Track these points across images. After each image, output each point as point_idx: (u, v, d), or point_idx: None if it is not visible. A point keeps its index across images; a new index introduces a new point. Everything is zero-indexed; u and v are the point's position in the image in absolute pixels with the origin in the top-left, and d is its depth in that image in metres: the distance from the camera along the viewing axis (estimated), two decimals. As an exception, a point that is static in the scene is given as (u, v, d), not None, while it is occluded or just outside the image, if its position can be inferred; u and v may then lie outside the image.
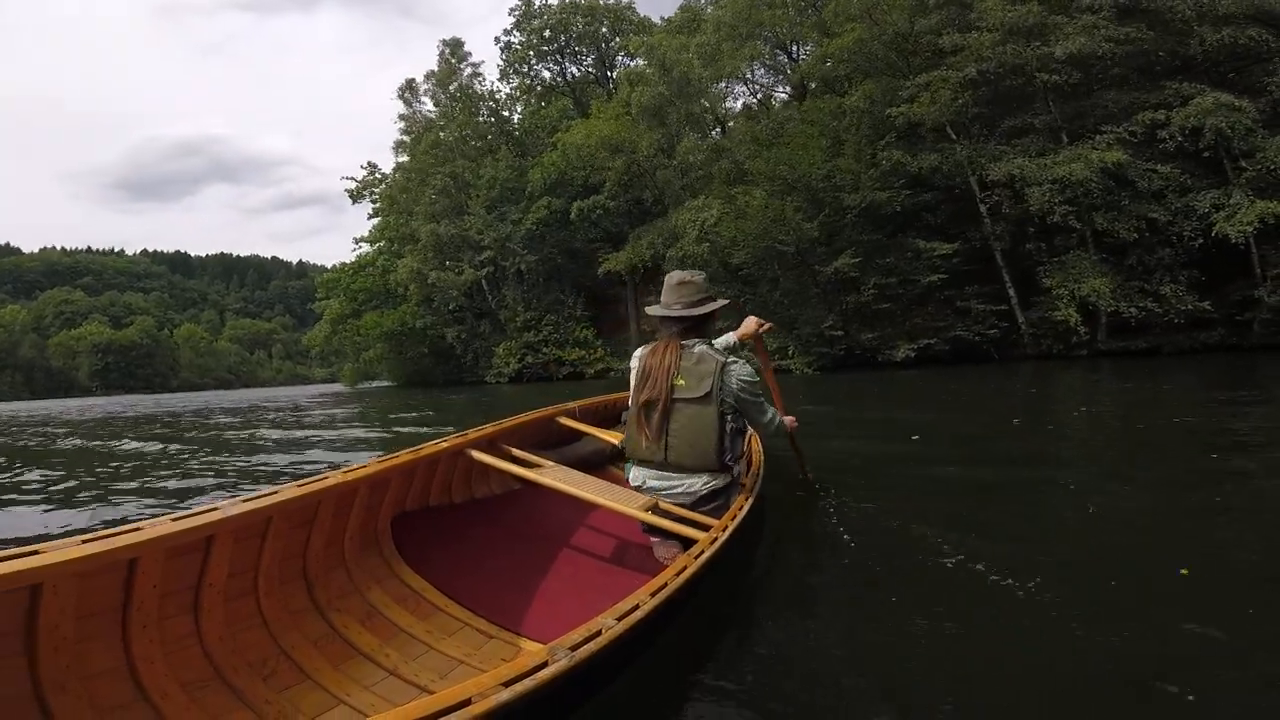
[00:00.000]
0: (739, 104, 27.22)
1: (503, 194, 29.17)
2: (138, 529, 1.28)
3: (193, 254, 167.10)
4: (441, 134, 30.81)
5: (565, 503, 2.47)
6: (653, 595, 1.35)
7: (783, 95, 25.80)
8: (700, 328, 2.35)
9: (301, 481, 1.74)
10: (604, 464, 3.40)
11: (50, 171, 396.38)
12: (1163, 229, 14.15)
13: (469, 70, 31.97)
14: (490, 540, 2.44)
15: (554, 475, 2.41)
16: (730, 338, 2.92)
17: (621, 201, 26.10)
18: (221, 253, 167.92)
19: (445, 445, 2.37)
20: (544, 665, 1.01)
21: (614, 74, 32.76)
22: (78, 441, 9.22)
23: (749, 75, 25.67)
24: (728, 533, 1.83)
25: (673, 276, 2.39)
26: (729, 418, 2.20)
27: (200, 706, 1.31)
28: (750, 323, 2.97)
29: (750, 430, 2.74)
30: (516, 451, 2.69)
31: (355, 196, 35.36)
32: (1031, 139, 16.21)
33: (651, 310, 2.44)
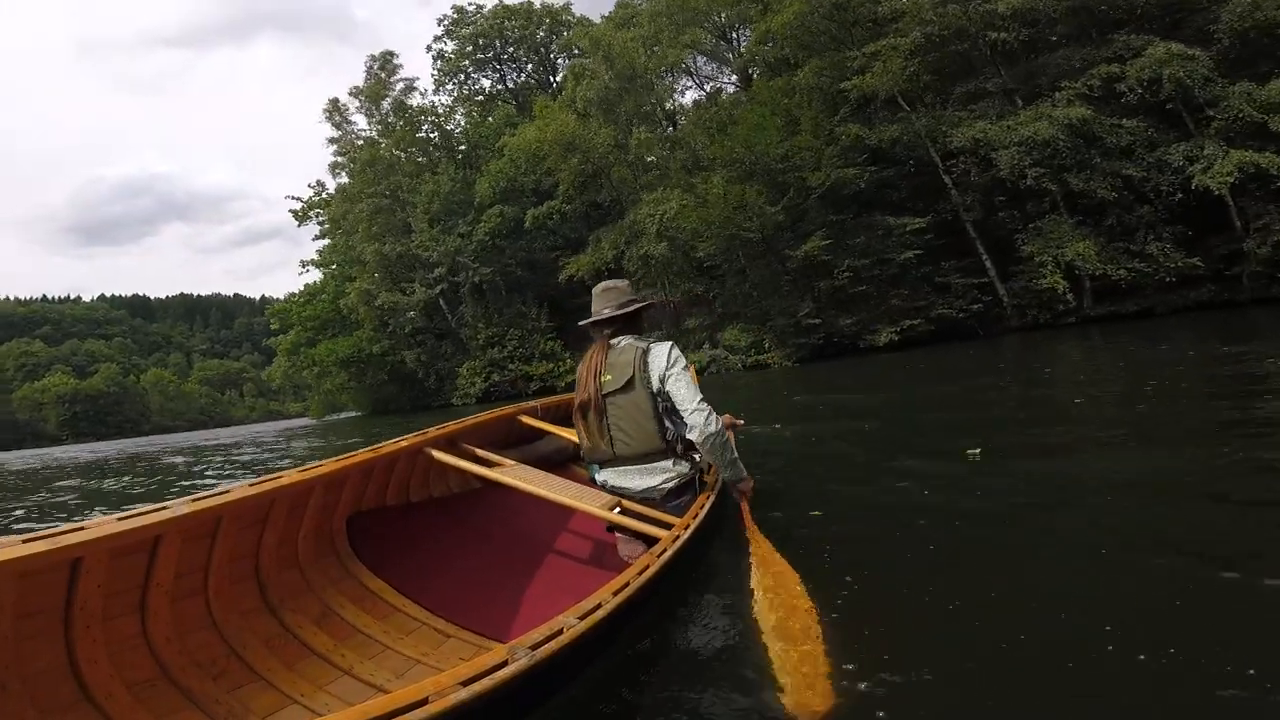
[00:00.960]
0: (688, 97, 26.48)
1: (447, 207, 27.80)
2: (82, 528, 1.26)
3: (153, 296, 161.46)
4: (380, 151, 29.21)
5: (527, 502, 2.42)
6: (615, 594, 1.37)
7: (730, 86, 25.18)
8: (629, 328, 2.40)
9: (254, 481, 1.69)
10: (566, 462, 3.34)
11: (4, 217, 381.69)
12: (1138, 185, 13.73)
13: (401, 84, 30.52)
14: (450, 540, 2.41)
15: (515, 474, 2.37)
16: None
17: (578, 204, 25.10)
18: (182, 293, 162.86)
19: (404, 444, 2.32)
20: (504, 664, 1.00)
21: (557, 78, 31.78)
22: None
23: (693, 67, 25.02)
24: (690, 530, 1.85)
25: (600, 286, 2.46)
26: (659, 398, 2.22)
27: (147, 707, 1.30)
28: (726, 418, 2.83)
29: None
30: (477, 450, 2.62)
31: (301, 218, 33.43)
32: (988, 103, 15.79)
33: (583, 322, 2.47)
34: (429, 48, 32.27)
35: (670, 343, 2.30)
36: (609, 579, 1.50)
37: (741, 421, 2.97)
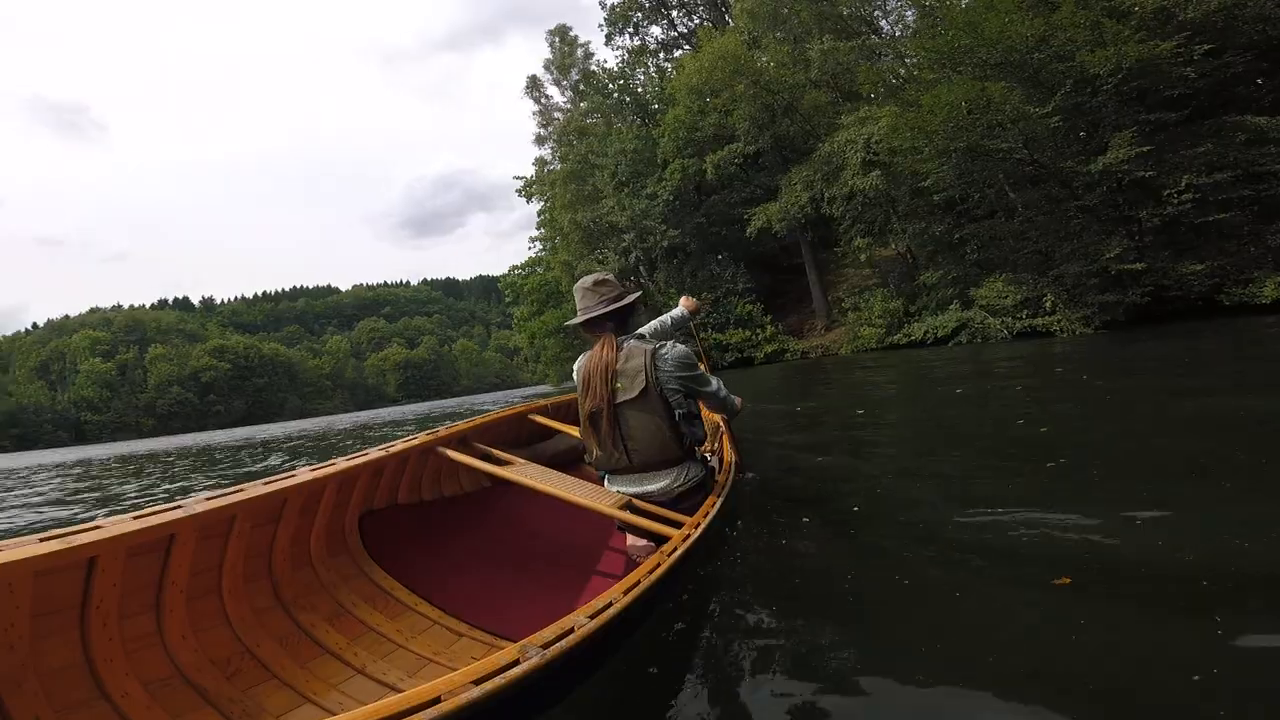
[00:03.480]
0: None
1: (634, 168, 25.50)
2: (98, 527, 1.28)
3: (460, 278, 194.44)
4: (570, 119, 28.87)
5: (538, 500, 2.43)
6: (626, 593, 1.36)
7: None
8: (626, 322, 2.30)
9: (267, 479, 1.72)
10: (577, 461, 3.31)
11: (356, 216, 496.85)
12: None
13: (581, 52, 29.95)
14: (461, 538, 2.42)
15: (525, 472, 2.35)
16: (675, 312, 2.88)
17: (764, 143, 21.02)
18: (481, 275, 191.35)
19: (415, 443, 2.34)
20: (515, 663, 1.01)
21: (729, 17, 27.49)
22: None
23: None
24: (700, 529, 1.83)
25: (585, 281, 2.31)
26: (675, 404, 2.16)
27: (162, 705, 1.31)
28: (687, 299, 2.96)
29: (718, 424, 3.12)
30: (489, 449, 2.63)
31: (527, 194, 33.63)
32: None
33: (571, 322, 2.40)
34: (602, 3, 30.41)
35: (671, 341, 2.26)
36: (620, 577, 1.59)
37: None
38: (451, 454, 2.41)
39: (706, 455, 2.46)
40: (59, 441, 71.02)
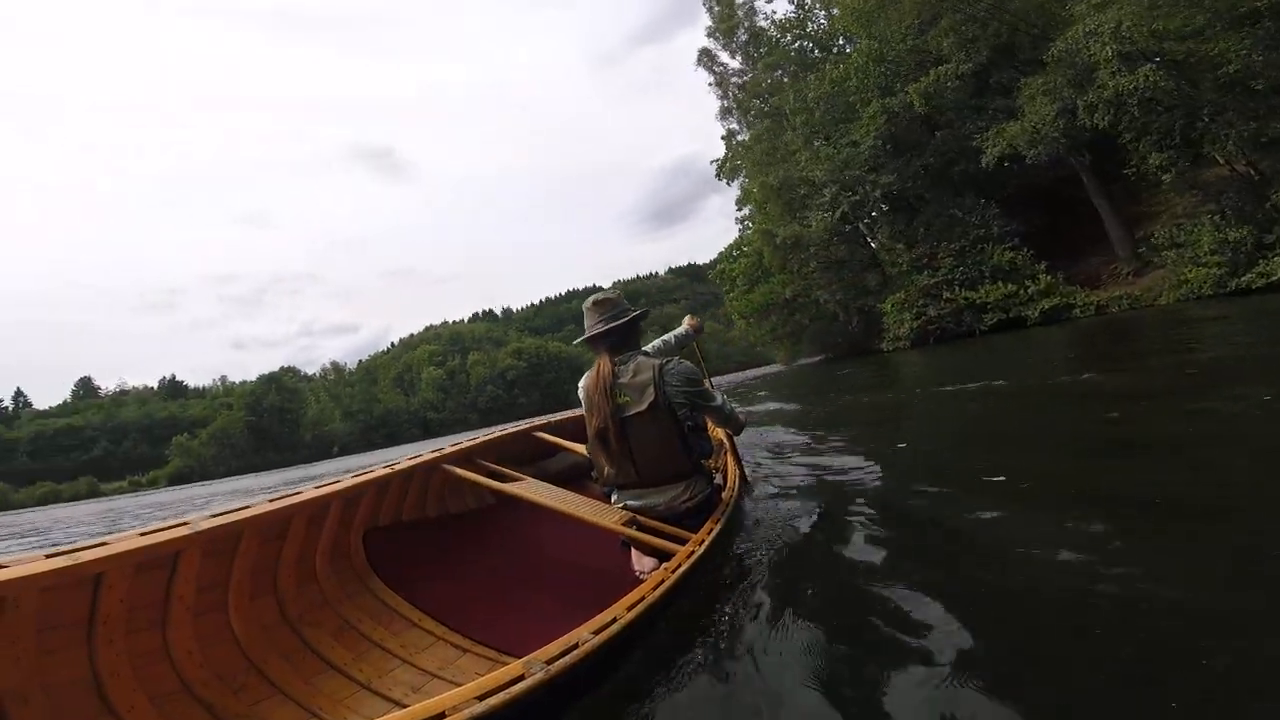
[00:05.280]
0: None
1: (828, 116, 21.93)
2: (104, 544, 1.30)
3: (700, 262, 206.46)
4: (753, 80, 26.79)
5: (542, 517, 2.44)
6: (630, 609, 1.40)
7: None
8: (628, 339, 2.33)
9: (273, 497, 1.76)
10: (581, 478, 3.30)
11: (608, 218, 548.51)
12: None
13: (743, 10, 27.67)
14: (466, 555, 2.42)
15: (529, 489, 2.38)
16: (679, 331, 3.00)
17: (981, 53, 16.48)
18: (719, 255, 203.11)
19: (420, 460, 2.38)
20: (520, 679, 1.03)
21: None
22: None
23: None
24: (704, 546, 1.87)
25: (589, 301, 2.37)
26: (681, 417, 2.19)
27: (168, 719, 1.32)
28: (690, 318, 3.11)
29: (722, 441, 3.13)
30: (492, 466, 2.65)
31: (725, 174, 31.39)
32: None
33: (577, 341, 2.42)
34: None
35: (677, 358, 2.30)
36: (624, 594, 1.53)
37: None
38: (457, 471, 2.45)
39: (714, 471, 2.62)
40: (413, 437, 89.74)
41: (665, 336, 2.94)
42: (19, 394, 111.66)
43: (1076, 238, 18.82)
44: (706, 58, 30.34)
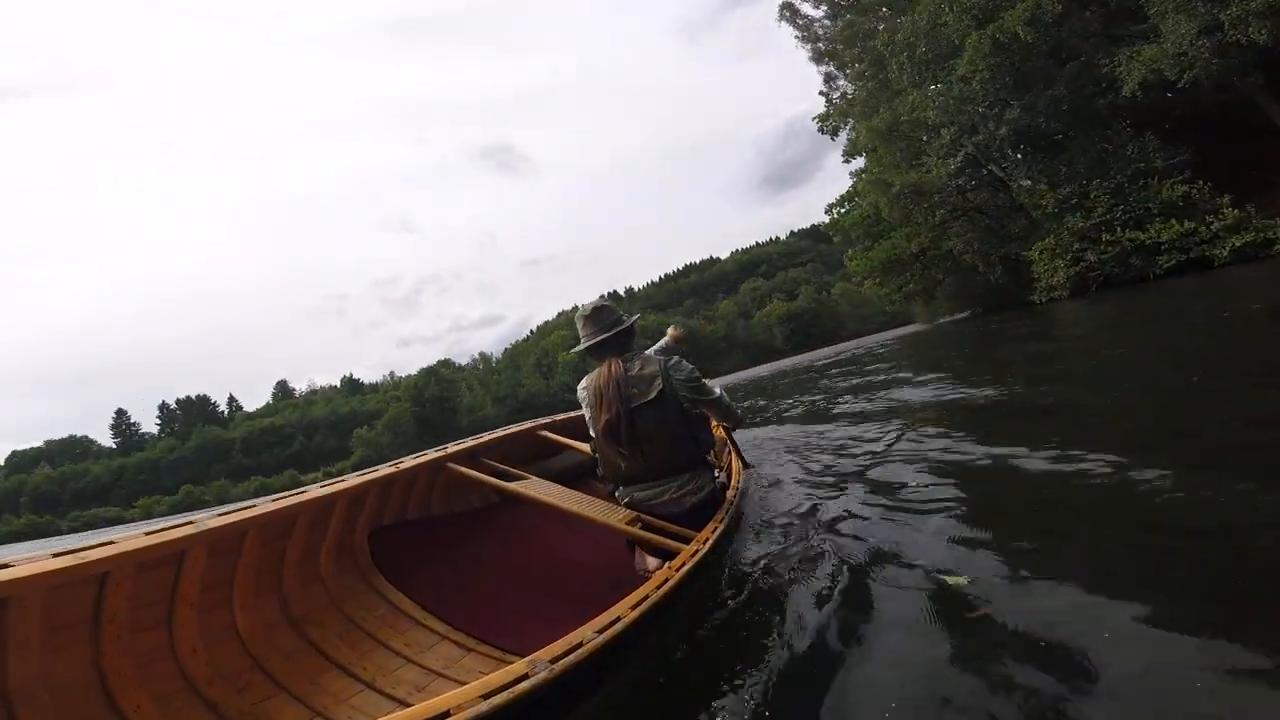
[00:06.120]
0: None
1: (933, 52, 19.40)
2: (110, 543, 1.29)
3: (820, 224, 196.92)
4: (839, 24, 24.80)
5: (546, 516, 2.47)
6: (634, 608, 1.38)
7: None
8: (627, 343, 2.44)
9: (277, 496, 1.75)
10: (585, 477, 3.32)
11: (717, 188, 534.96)
12: None
13: None
14: (470, 554, 2.41)
15: (533, 488, 2.40)
16: (663, 342, 3.13)
17: None
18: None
19: (424, 460, 2.38)
20: (524, 678, 1.01)
21: None
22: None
23: None
24: (708, 544, 1.87)
25: (584, 309, 2.47)
26: (686, 409, 2.30)
27: (173, 718, 1.32)
28: (673, 329, 3.21)
29: (725, 439, 3.30)
30: (497, 465, 2.65)
31: (829, 129, 28.85)
32: None
33: (577, 350, 2.48)
34: None
35: (677, 356, 2.44)
36: (628, 592, 1.51)
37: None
38: (461, 470, 2.44)
39: (717, 469, 2.63)
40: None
41: (654, 346, 3.08)
42: (231, 399, 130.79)
43: (1263, 167, 15.84)
44: (788, 11, 28.59)
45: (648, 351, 2.86)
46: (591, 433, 2.42)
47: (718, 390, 2.47)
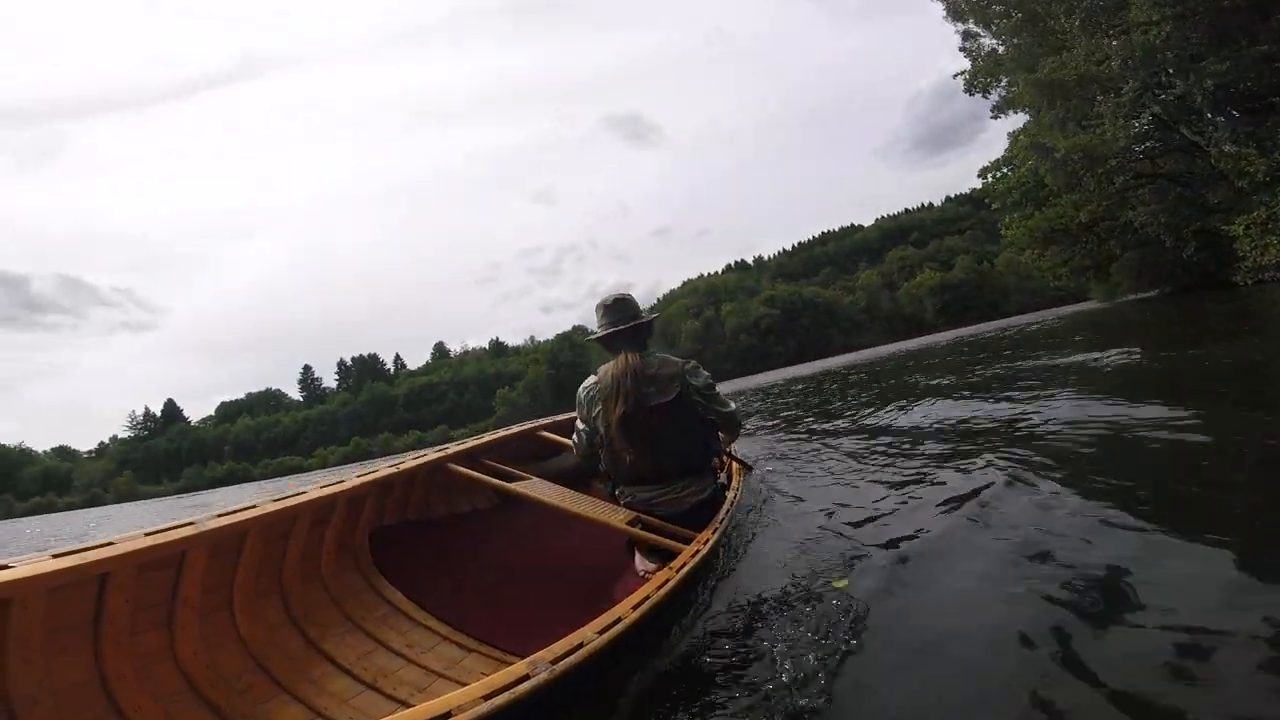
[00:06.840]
0: None
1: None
2: (110, 544, 1.29)
3: (975, 190, 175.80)
4: None
5: (546, 516, 2.42)
6: (634, 608, 1.36)
7: None
8: (642, 337, 2.40)
9: (278, 496, 1.77)
10: (585, 478, 3.26)
11: (864, 151, 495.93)
12: None
13: None
14: (470, 554, 2.41)
15: (534, 488, 2.38)
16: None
17: None
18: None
19: (424, 460, 2.39)
20: (525, 678, 1.02)
21: None
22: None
23: None
24: (709, 545, 1.83)
25: (605, 300, 2.43)
26: (701, 412, 2.29)
27: None
28: None
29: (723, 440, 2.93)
30: (497, 465, 2.65)
31: (979, 86, 25.37)
32: None
33: (593, 337, 2.43)
34: None
35: (695, 362, 2.36)
36: (628, 593, 1.49)
37: None
38: (460, 470, 2.44)
39: (720, 474, 2.63)
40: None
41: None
42: (398, 359, 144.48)
43: None
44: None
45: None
46: (581, 424, 2.40)
47: (732, 404, 2.46)
